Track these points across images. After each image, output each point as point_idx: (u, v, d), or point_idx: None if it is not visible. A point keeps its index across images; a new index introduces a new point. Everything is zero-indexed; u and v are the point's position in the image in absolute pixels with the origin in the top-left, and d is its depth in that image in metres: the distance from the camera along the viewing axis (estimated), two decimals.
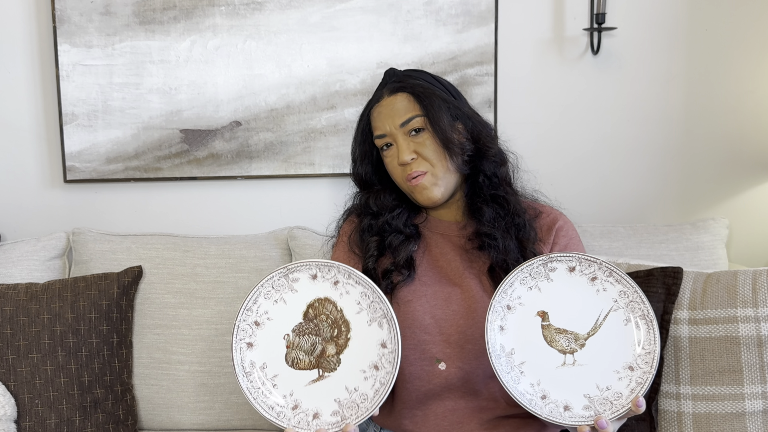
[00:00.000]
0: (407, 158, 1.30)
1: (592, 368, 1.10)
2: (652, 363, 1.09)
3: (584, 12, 1.84)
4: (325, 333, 1.05)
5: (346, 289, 1.08)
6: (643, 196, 1.93)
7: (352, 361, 1.04)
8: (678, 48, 1.87)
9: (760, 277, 1.42)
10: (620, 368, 1.10)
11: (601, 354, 1.10)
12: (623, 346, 1.10)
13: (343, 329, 1.06)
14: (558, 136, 1.90)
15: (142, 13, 1.82)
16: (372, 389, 1.02)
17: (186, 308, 1.70)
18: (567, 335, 1.11)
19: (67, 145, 1.86)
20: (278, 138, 1.87)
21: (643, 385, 1.08)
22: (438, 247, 1.37)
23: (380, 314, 1.07)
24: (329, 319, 1.06)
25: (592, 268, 1.13)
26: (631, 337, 1.11)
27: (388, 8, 1.81)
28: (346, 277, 1.09)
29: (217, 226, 1.93)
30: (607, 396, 1.09)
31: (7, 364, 1.56)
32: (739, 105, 1.89)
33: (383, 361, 1.04)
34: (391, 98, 1.34)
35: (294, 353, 1.04)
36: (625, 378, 1.09)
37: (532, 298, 1.13)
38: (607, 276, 1.12)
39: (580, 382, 1.10)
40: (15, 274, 1.72)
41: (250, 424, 1.70)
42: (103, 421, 1.59)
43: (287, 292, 1.08)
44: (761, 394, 1.38)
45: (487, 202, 1.33)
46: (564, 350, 1.10)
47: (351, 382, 1.02)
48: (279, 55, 1.84)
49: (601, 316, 1.11)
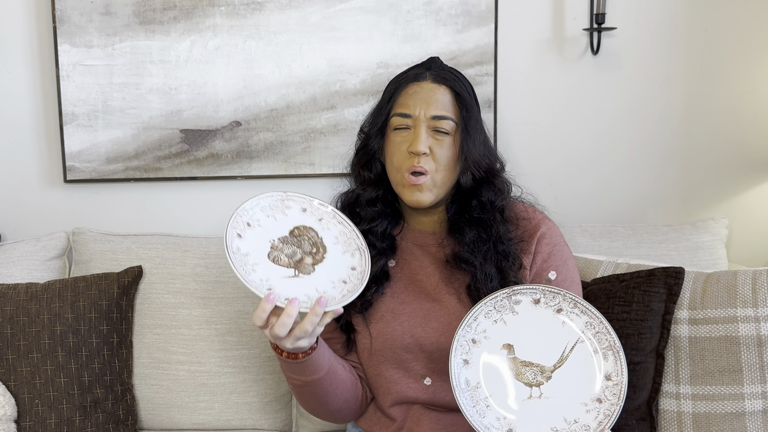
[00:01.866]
0: (423, 148, 1.23)
1: (559, 401, 1.08)
2: (619, 394, 1.07)
3: (584, 12, 1.85)
4: (305, 248, 1.17)
5: (328, 226, 1.21)
6: (643, 196, 1.93)
7: (324, 273, 1.15)
8: (678, 48, 1.87)
9: (760, 277, 1.42)
10: (588, 401, 1.08)
11: (567, 386, 1.08)
12: (590, 378, 1.09)
13: (321, 250, 1.18)
14: (558, 136, 1.90)
15: (142, 13, 1.82)
16: (340, 294, 1.12)
17: (186, 308, 1.70)
18: (533, 368, 1.10)
19: (67, 145, 1.86)
20: (278, 138, 1.87)
21: (610, 417, 1.06)
22: (417, 260, 1.33)
23: (354, 247, 1.19)
24: (310, 241, 1.18)
25: (556, 300, 1.12)
26: (598, 369, 1.09)
27: (388, 8, 1.82)
28: (329, 217, 1.22)
29: (217, 226, 1.93)
30: (575, 429, 1.07)
31: (7, 364, 1.56)
32: (739, 105, 1.89)
33: (351, 278, 1.15)
34: (435, 86, 1.27)
35: (276, 253, 1.15)
36: (593, 410, 1.07)
37: (498, 331, 1.12)
38: (572, 308, 1.11)
39: (547, 415, 1.08)
40: (15, 274, 1.72)
41: (250, 424, 1.70)
42: (103, 421, 1.59)
43: (279, 213, 1.20)
44: (761, 394, 1.38)
45: (471, 223, 1.28)
46: (530, 383, 1.09)
47: (321, 287, 1.13)
48: (279, 55, 1.84)
49: (567, 348, 1.10)
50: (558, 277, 1.29)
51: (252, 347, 1.69)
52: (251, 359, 1.68)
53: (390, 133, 1.29)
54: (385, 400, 1.31)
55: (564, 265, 1.31)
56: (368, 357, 1.30)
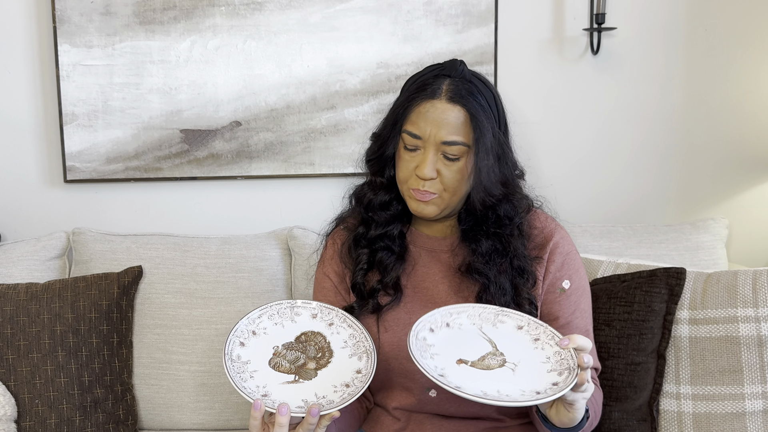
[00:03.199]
0: (429, 174, 1.19)
1: (527, 367, 1.09)
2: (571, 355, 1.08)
3: (584, 12, 1.85)
4: (309, 353, 1.16)
5: (338, 330, 1.20)
6: (643, 196, 1.93)
7: (327, 378, 1.13)
8: (678, 48, 1.87)
9: (760, 277, 1.42)
10: (546, 369, 1.09)
11: (523, 360, 1.10)
12: (536, 364, 1.10)
13: (327, 355, 1.17)
14: (558, 136, 1.90)
15: (142, 13, 1.82)
16: (339, 398, 1.10)
17: (186, 308, 1.70)
18: (488, 357, 1.11)
19: (67, 145, 1.86)
20: (278, 138, 1.87)
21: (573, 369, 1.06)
22: (424, 266, 1.31)
23: (362, 350, 1.17)
24: (317, 346, 1.18)
25: (538, 331, 1.14)
26: (540, 357, 1.11)
27: (388, 8, 1.82)
28: (340, 321, 1.21)
29: (217, 226, 1.93)
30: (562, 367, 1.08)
31: (7, 364, 1.56)
32: (739, 105, 1.89)
33: (355, 381, 1.13)
34: (449, 106, 1.19)
35: (278, 359, 1.14)
36: (555, 365, 1.08)
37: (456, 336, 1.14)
38: (549, 339, 1.13)
39: (529, 378, 1.08)
40: (15, 274, 1.72)
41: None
42: (104, 421, 1.59)
43: (288, 320, 1.20)
44: (761, 394, 1.38)
45: (488, 236, 1.25)
46: (499, 365, 1.10)
47: (321, 391, 1.10)
48: (279, 55, 1.84)
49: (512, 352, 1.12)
50: (571, 285, 1.28)
51: None
52: None
53: (400, 146, 1.25)
54: (389, 402, 1.31)
55: (576, 274, 1.30)
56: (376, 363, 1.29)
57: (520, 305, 1.23)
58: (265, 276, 1.73)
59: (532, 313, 1.24)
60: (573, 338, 1.06)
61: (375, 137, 1.31)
